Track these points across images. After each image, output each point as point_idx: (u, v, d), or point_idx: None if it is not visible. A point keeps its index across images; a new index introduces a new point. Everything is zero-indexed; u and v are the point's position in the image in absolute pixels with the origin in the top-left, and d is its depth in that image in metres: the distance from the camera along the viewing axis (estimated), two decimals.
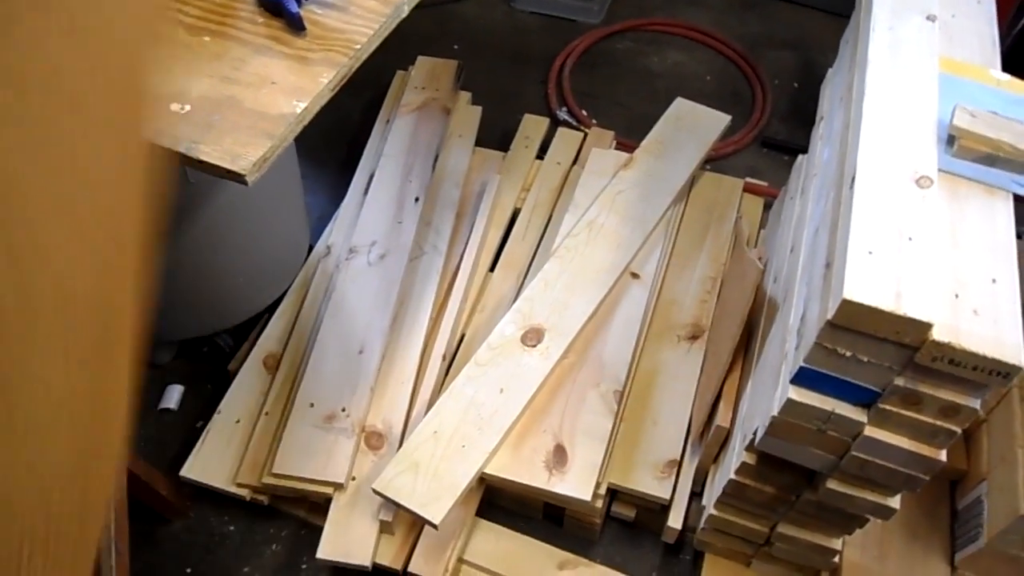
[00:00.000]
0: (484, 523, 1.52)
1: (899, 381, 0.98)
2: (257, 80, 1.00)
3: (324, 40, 1.04)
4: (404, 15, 1.08)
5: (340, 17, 1.07)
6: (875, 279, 0.94)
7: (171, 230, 1.46)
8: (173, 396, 1.74)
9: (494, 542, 1.50)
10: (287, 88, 0.99)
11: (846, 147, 1.16)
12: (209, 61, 1.02)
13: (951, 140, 1.09)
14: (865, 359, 0.98)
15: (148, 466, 1.46)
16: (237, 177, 0.90)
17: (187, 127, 0.94)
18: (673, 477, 1.47)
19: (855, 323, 0.95)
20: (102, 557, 1.26)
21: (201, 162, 0.91)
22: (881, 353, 0.97)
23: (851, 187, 1.05)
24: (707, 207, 1.86)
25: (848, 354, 0.99)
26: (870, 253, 0.97)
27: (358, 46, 1.03)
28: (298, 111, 0.96)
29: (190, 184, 1.40)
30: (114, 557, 1.25)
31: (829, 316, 0.96)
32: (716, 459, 1.46)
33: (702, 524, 1.44)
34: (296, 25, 1.04)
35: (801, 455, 1.14)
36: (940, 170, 1.06)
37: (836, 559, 1.35)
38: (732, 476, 1.28)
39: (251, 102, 0.97)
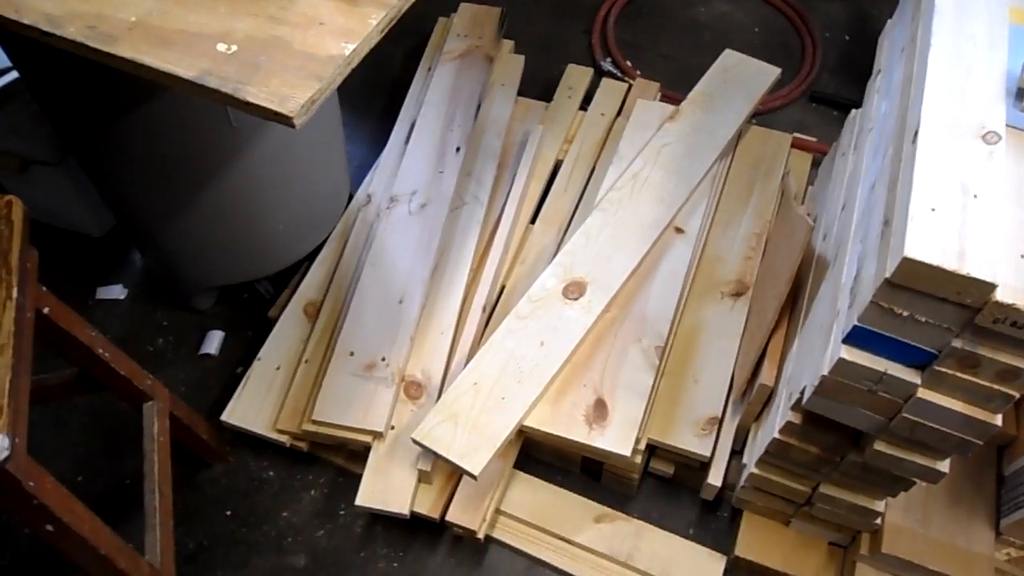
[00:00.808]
0: (522, 475, 1.52)
1: (957, 343, 0.96)
2: (305, 20, 0.98)
3: None
4: None
5: None
6: (937, 237, 0.91)
7: (213, 175, 1.45)
8: (214, 342, 1.75)
9: (532, 494, 1.50)
10: (336, 29, 0.96)
11: (908, 100, 1.12)
12: (255, 0, 1.00)
13: (1020, 94, 1.05)
14: (922, 319, 0.96)
15: (190, 410, 1.47)
16: (285, 120, 0.89)
17: (233, 67, 0.93)
18: (714, 434, 1.45)
19: (914, 282, 0.92)
20: (146, 498, 1.27)
21: (248, 103, 0.90)
22: (940, 313, 0.94)
23: (913, 142, 1.02)
24: (754, 162, 1.82)
25: (905, 314, 0.96)
26: (933, 210, 0.93)
27: None
28: (347, 53, 0.94)
29: (233, 129, 1.38)
30: (157, 498, 1.27)
31: (888, 274, 0.93)
32: (758, 417, 1.45)
33: (742, 482, 1.43)
34: None
35: (850, 416, 1.12)
36: (1008, 125, 1.02)
37: (878, 521, 1.34)
38: (776, 435, 1.26)
39: (299, 43, 0.95)
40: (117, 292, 1.85)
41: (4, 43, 1.34)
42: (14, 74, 1.63)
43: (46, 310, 1.10)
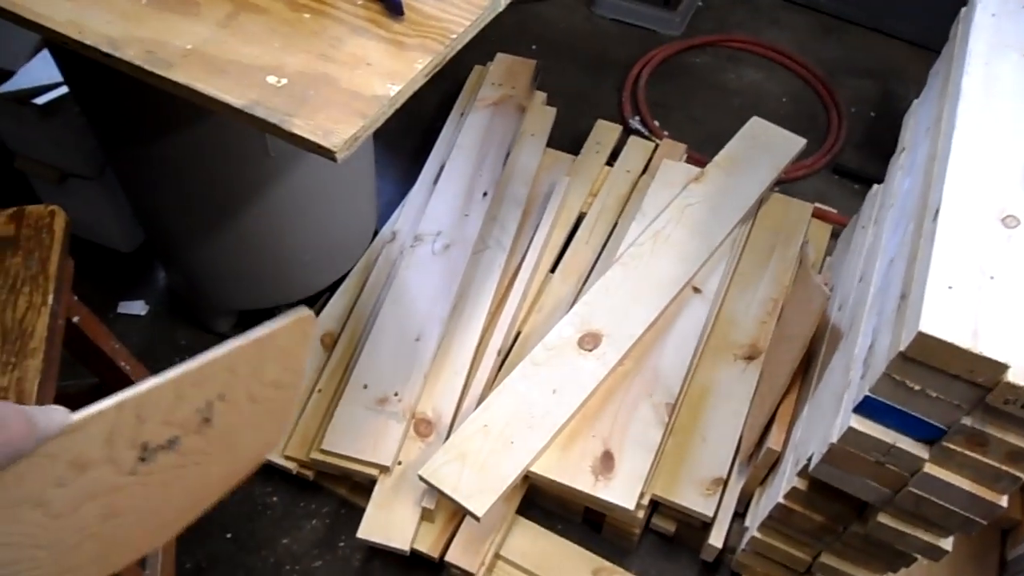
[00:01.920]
0: (523, 521, 1.52)
1: (967, 420, 0.97)
2: (353, 60, 1.01)
3: (421, 27, 1.05)
4: (501, 8, 1.09)
5: (438, 5, 1.08)
6: (953, 314, 0.93)
7: (246, 201, 1.49)
8: None
9: (532, 541, 1.50)
10: (382, 70, 1.00)
11: (931, 179, 1.15)
12: (307, 37, 1.04)
13: None
14: (934, 395, 0.97)
15: None
16: (327, 153, 0.92)
17: (282, 100, 0.96)
18: (718, 495, 1.46)
19: (928, 357, 0.94)
20: None
21: (293, 135, 0.93)
22: (951, 390, 0.95)
23: (934, 220, 1.04)
24: (774, 228, 1.84)
25: (917, 388, 0.98)
26: (950, 288, 0.95)
27: (454, 35, 1.04)
28: (392, 94, 0.97)
29: (270, 158, 1.42)
30: None
31: (902, 347, 0.94)
32: (763, 481, 1.45)
33: (743, 546, 1.43)
34: (395, 9, 1.06)
35: (856, 486, 1.13)
36: None
37: None
38: (780, 500, 1.26)
39: (346, 81, 0.99)
40: (139, 308, 1.87)
41: (60, 59, 1.39)
42: (61, 89, 1.68)
43: (76, 319, 1.12)
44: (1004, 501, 1.02)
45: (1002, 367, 0.89)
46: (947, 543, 1.13)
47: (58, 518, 0.60)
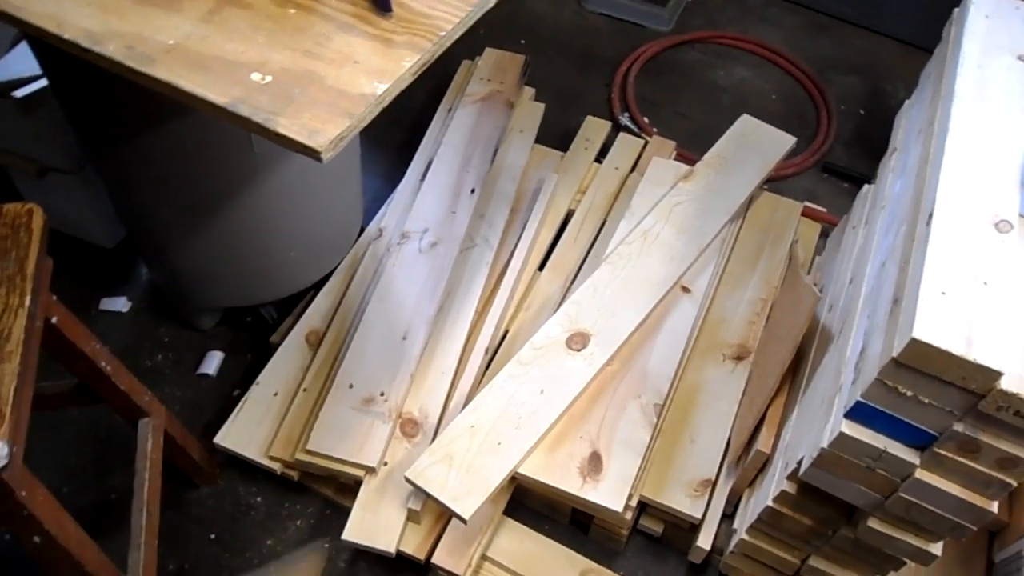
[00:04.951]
0: (510, 522, 1.51)
1: (958, 427, 0.96)
2: (340, 57, 0.99)
3: (409, 23, 1.03)
4: (491, 5, 1.07)
5: (427, 1, 1.06)
6: (946, 321, 0.92)
7: (229, 198, 1.46)
8: (212, 362, 1.75)
9: (519, 542, 1.49)
10: (369, 68, 0.98)
11: (923, 182, 1.14)
12: (293, 33, 1.02)
13: None
14: (926, 400, 0.96)
15: (184, 429, 1.47)
16: (313, 153, 0.90)
17: (266, 98, 0.94)
18: (706, 497, 1.45)
19: (921, 363, 0.93)
20: (133, 516, 1.27)
21: (279, 135, 0.91)
22: (943, 396, 0.95)
23: (927, 224, 1.03)
24: (763, 228, 1.83)
25: (909, 394, 0.97)
26: (943, 294, 0.95)
27: (443, 32, 1.02)
28: (379, 92, 0.95)
29: (254, 154, 1.40)
30: (145, 517, 1.26)
31: (895, 353, 0.94)
32: (752, 483, 1.44)
33: (731, 548, 1.42)
34: (383, 6, 1.04)
35: (845, 490, 1.12)
36: (1021, 215, 1.03)
37: None
38: (769, 503, 1.26)
39: (332, 79, 0.96)
40: (121, 305, 1.85)
41: (39, 52, 1.36)
42: (41, 82, 1.65)
43: (54, 319, 1.10)
44: (994, 507, 1.01)
45: (995, 374, 0.89)
46: (936, 548, 1.12)
47: None
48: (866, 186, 1.60)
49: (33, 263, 0.99)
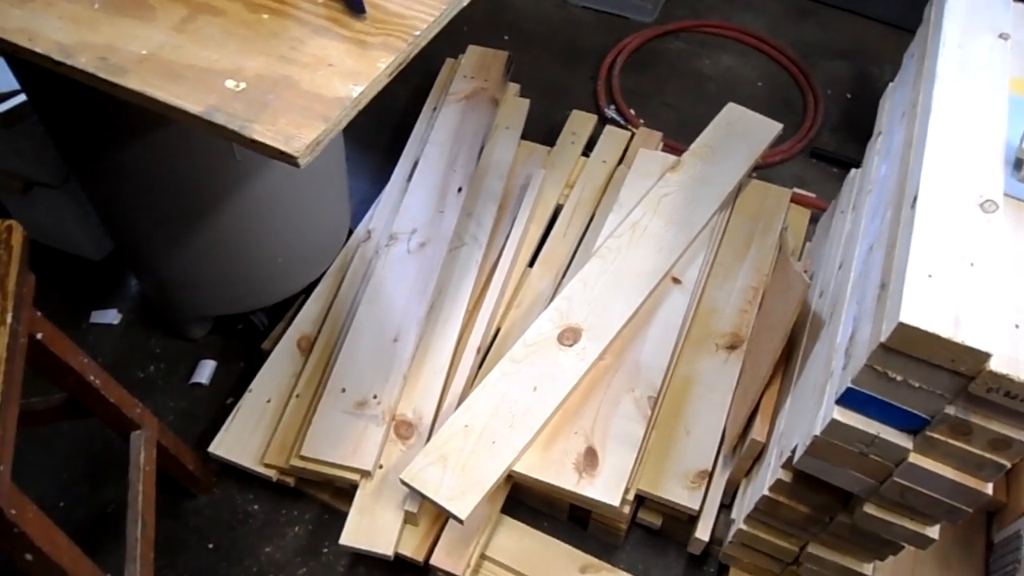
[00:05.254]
0: (508, 520, 1.51)
1: (950, 410, 0.96)
2: (314, 61, 0.98)
3: (384, 24, 1.03)
4: (465, 3, 1.06)
5: (401, 2, 1.05)
6: (933, 304, 0.91)
7: (214, 206, 1.46)
8: (205, 371, 1.74)
9: (517, 540, 1.49)
10: (344, 71, 0.97)
11: (907, 165, 1.13)
12: (267, 39, 1.01)
13: (1019, 164, 1.06)
14: (916, 385, 0.96)
15: (177, 439, 1.46)
16: (289, 159, 0.89)
17: (241, 105, 0.93)
18: (703, 488, 1.44)
19: (909, 347, 0.92)
20: (128, 529, 1.26)
21: (254, 141, 0.90)
22: (933, 380, 0.94)
23: (912, 207, 1.02)
24: (752, 215, 1.83)
25: (899, 378, 0.96)
26: (929, 276, 0.94)
27: (418, 32, 1.01)
28: (354, 95, 0.94)
29: (236, 162, 1.39)
30: (140, 529, 1.25)
31: (883, 338, 0.93)
32: (748, 473, 1.44)
33: (730, 538, 1.42)
34: (356, 8, 1.03)
35: (840, 477, 1.12)
36: (1006, 194, 1.03)
37: None
38: (766, 492, 1.25)
39: (307, 83, 0.96)
40: (111, 317, 1.84)
41: (15, 67, 1.35)
42: (21, 97, 1.64)
43: (40, 335, 1.09)
44: (989, 489, 1.01)
45: (984, 356, 0.88)
46: (933, 531, 1.12)
47: None
48: (853, 170, 1.60)
49: (14, 280, 0.99)
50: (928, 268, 0.95)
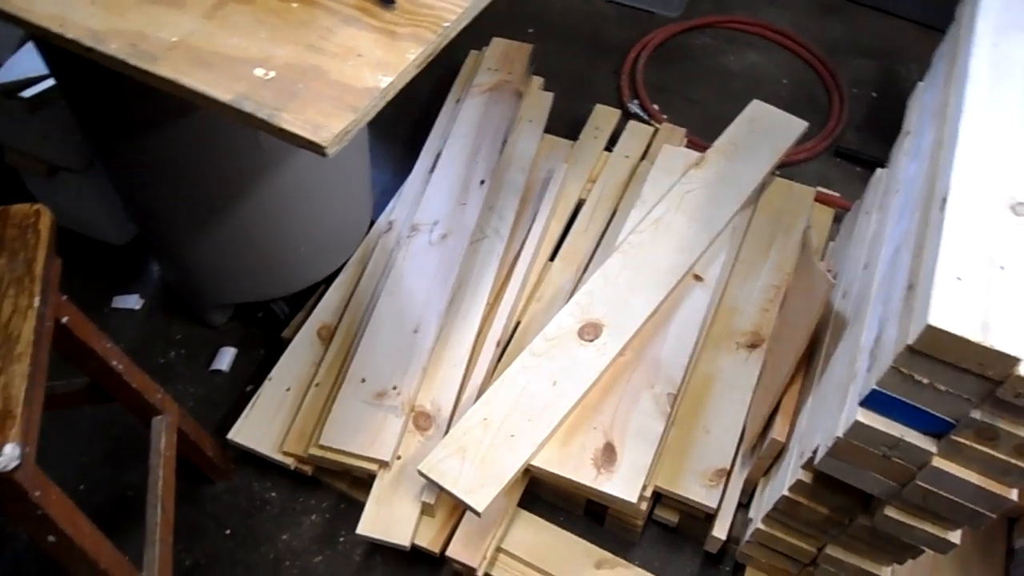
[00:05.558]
0: (525, 514, 1.51)
1: (975, 414, 0.95)
2: (343, 51, 0.98)
3: (413, 15, 1.02)
4: None
5: None
6: (962, 307, 0.90)
7: (238, 194, 1.46)
8: (225, 358, 1.75)
9: (533, 534, 1.49)
10: (373, 62, 0.97)
11: (937, 166, 1.12)
12: (296, 28, 1.01)
13: None
14: (942, 388, 0.95)
15: (197, 426, 1.47)
16: (317, 148, 0.89)
17: (270, 93, 0.94)
18: (721, 486, 1.44)
19: (937, 350, 0.91)
20: (148, 513, 1.27)
21: (282, 130, 0.90)
22: (960, 383, 0.93)
23: (941, 209, 1.01)
24: (776, 214, 1.81)
25: (925, 381, 0.95)
26: (958, 279, 0.93)
27: (447, 24, 1.01)
28: (383, 86, 0.94)
29: (262, 150, 1.39)
30: (159, 514, 1.26)
31: (910, 341, 0.92)
32: (767, 472, 1.43)
33: (747, 537, 1.41)
34: None
35: (862, 479, 1.11)
36: None
37: None
38: (785, 492, 1.25)
39: (336, 73, 0.96)
40: (133, 302, 1.85)
41: (45, 52, 1.36)
42: (49, 81, 1.65)
43: (65, 320, 1.10)
44: (1014, 495, 1.00)
45: (1013, 360, 0.87)
46: (955, 536, 1.11)
47: None
48: (879, 170, 1.58)
49: (41, 264, 0.99)
50: (957, 270, 0.94)
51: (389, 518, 1.44)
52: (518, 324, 1.69)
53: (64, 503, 0.99)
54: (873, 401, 1.02)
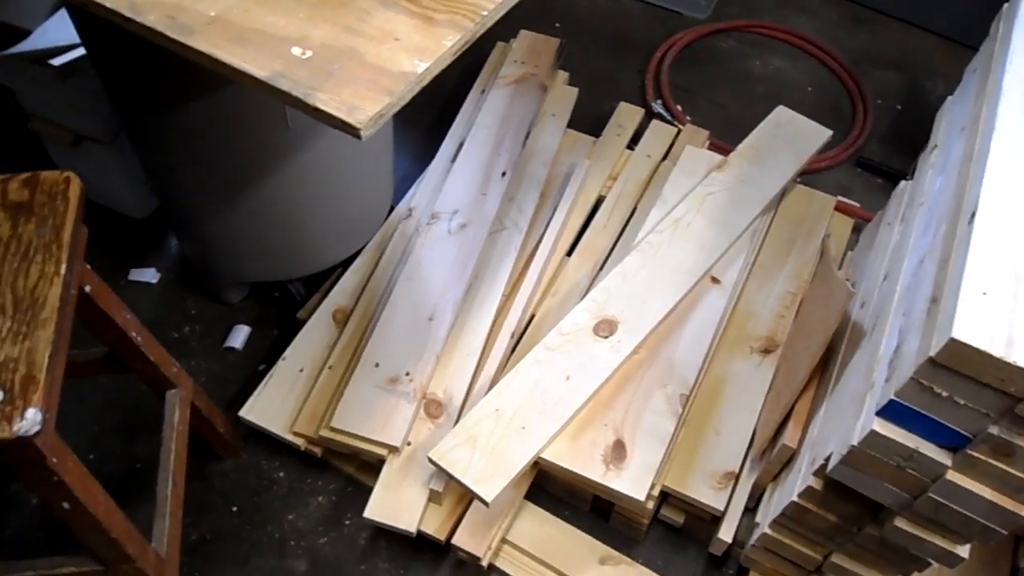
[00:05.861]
0: (531, 506, 1.51)
1: (993, 429, 0.95)
2: (380, 34, 0.98)
3: (451, 2, 1.02)
4: None
5: None
6: (987, 322, 0.90)
7: (262, 173, 1.46)
8: (239, 336, 1.76)
9: (539, 527, 1.49)
10: (410, 46, 0.97)
11: (966, 180, 1.12)
12: (334, 8, 1.01)
13: None
14: (961, 402, 0.95)
15: (210, 402, 1.48)
16: (351, 130, 0.89)
17: (306, 72, 0.94)
18: (729, 489, 1.44)
19: (958, 364, 0.91)
20: (159, 486, 1.28)
21: (317, 110, 0.91)
22: (980, 398, 0.93)
23: (970, 223, 1.01)
24: (796, 221, 1.81)
25: (944, 394, 0.95)
26: (984, 294, 0.93)
27: (485, 12, 1.01)
28: (419, 71, 0.94)
29: (288, 130, 1.39)
30: (170, 487, 1.27)
31: (932, 353, 0.92)
32: (776, 477, 1.43)
33: (753, 541, 1.41)
34: None
35: (874, 488, 1.11)
36: None
37: None
38: (795, 499, 1.25)
39: (373, 56, 0.96)
40: (150, 276, 1.86)
41: (79, 21, 1.36)
42: (79, 51, 1.66)
43: (88, 288, 1.10)
44: None
45: None
46: (964, 550, 1.11)
47: None
48: (903, 182, 1.58)
49: (69, 231, 1.00)
50: (983, 285, 0.94)
51: (396, 503, 1.44)
52: (532, 317, 1.69)
53: (80, 471, 1.00)
54: (890, 411, 1.02)
